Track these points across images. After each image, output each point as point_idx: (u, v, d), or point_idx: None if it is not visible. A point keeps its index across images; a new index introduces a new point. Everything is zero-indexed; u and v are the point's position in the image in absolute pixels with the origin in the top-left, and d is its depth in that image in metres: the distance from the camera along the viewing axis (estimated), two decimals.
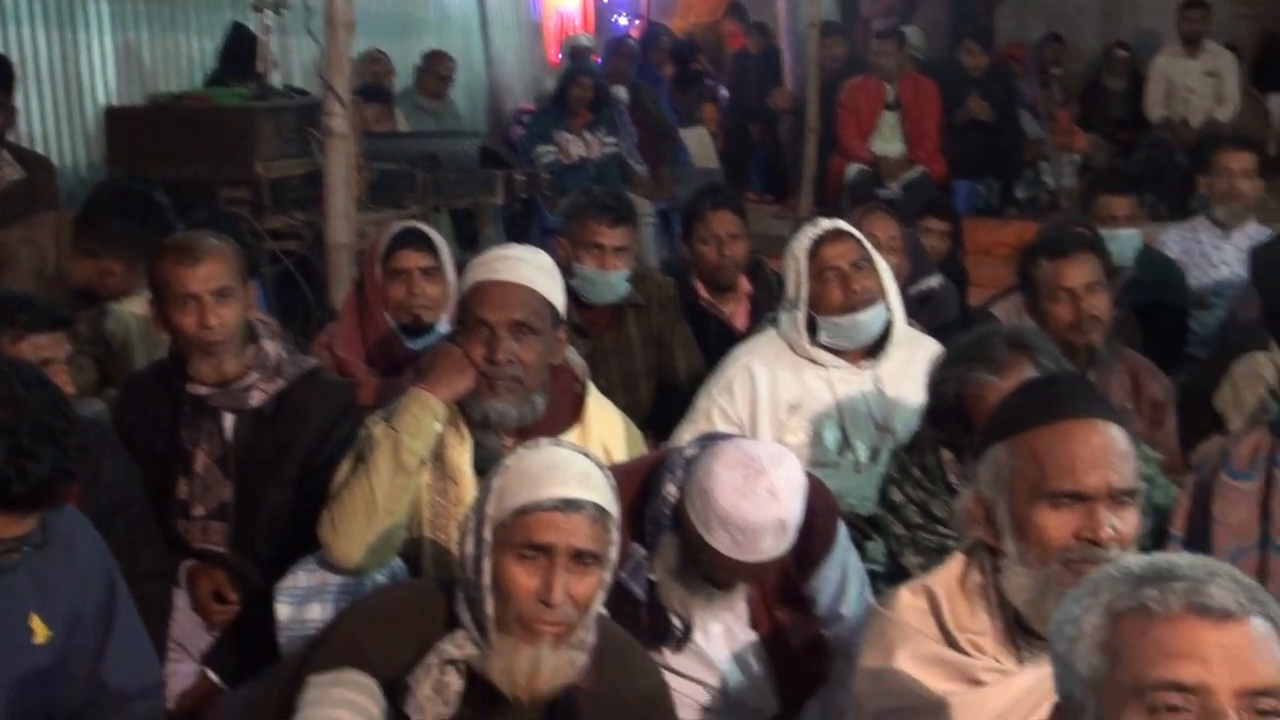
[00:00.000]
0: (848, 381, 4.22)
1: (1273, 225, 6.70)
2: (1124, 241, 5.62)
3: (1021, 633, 2.35)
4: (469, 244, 7.04)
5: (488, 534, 2.54)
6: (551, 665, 2.51)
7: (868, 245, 4.26)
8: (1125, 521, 2.30)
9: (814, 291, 4.19)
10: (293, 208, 6.15)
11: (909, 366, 4.12)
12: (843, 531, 3.28)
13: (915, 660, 2.37)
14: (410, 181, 6.79)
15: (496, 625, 2.52)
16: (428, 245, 4.47)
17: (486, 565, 2.53)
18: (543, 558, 2.49)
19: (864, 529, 3.82)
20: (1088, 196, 6.09)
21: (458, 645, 2.54)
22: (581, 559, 2.50)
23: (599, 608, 2.58)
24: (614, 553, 2.58)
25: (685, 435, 4.12)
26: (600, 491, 2.55)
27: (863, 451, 4.20)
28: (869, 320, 4.19)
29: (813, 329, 4.22)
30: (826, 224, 4.28)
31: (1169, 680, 1.59)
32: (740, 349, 4.40)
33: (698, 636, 3.16)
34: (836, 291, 4.16)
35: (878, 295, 4.19)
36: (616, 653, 2.68)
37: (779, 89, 11.43)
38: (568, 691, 2.56)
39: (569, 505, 2.50)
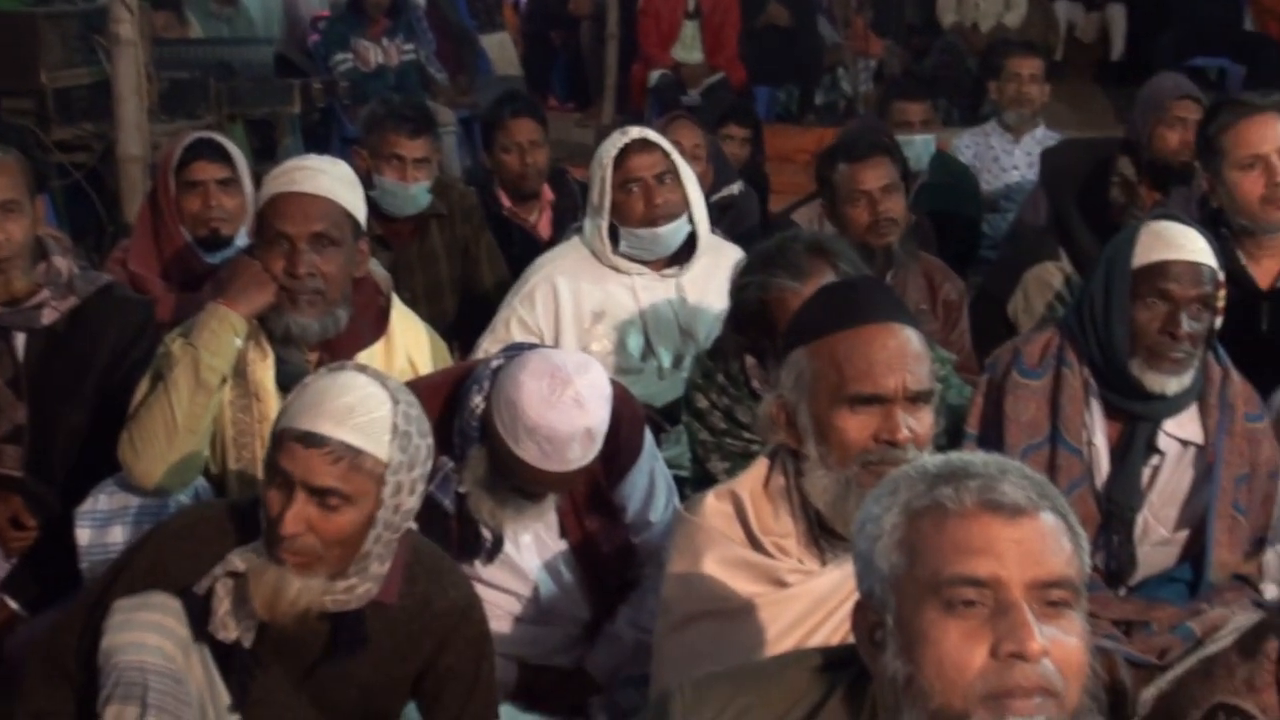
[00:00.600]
0: (651, 289, 4.25)
1: (1060, 130, 6.90)
2: (919, 147, 5.73)
3: (824, 534, 2.40)
4: (266, 155, 6.88)
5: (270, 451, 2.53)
6: (295, 590, 2.46)
7: (675, 156, 4.27)
8: (921, 422, 2.35)
9: (617, 201, 4.19)
10: (81, 119, 5.96)
11: (712, 273, 4.16)
12: (649, 439, 3.31)
13: (722, 564, 2.41)
14: (203, 90, 6.61)
15: (265, 542, 2.50)
16: (223, 156, 4.36)
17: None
18: (286, 486, 2.45)
19: (659, 422, 3.87)
20: (883, 102, 6.19)
21: (243, 559, 2.51)
22: (323, 496, 2.44)
23: (378, 543, 2.51)
24: (388, 493, 2.48)
25: (487, 346, 4.12)
26: (361, 430, 2.45)
27: (666, 358, 4.24)
28: (668, 234, 4.21)
29: (615, 237, 4.24)
30: (635, 133, 4.27)
31: (964, 575, 1.63)
32: (543, 258, 4.39)
33: (508, 547, 3.17)
34: (639, 204, 4.17)
35: (681, 208, 4.21)
36: (425, 566, 2.67)
37: None
38: (356, 611, 2.54)
39: (309, 439, 2.44)
